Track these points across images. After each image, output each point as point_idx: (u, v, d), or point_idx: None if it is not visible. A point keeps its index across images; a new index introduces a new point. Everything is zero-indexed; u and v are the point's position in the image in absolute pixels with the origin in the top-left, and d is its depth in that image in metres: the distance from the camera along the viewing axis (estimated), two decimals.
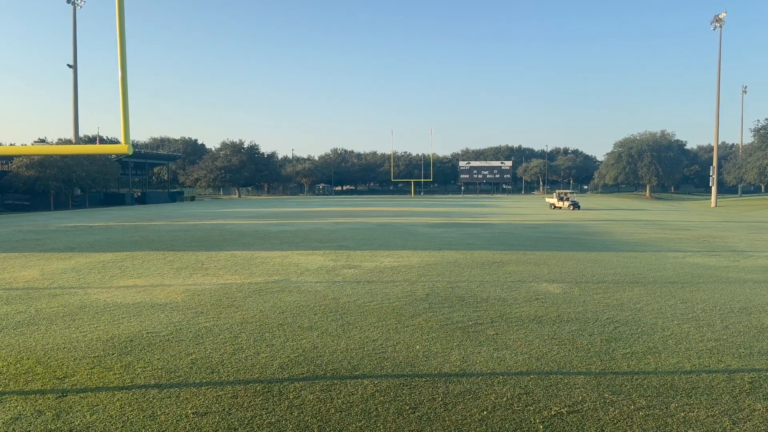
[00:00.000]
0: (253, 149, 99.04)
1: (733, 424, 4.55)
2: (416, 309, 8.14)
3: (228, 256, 14.19)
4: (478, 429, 4.48)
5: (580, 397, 5.03)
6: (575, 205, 41.96)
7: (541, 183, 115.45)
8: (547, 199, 46.78)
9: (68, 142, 63.36)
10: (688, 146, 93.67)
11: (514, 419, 4.63)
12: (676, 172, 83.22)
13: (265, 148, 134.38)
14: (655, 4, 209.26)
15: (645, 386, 5.26)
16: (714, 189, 55.19)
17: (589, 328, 7.14)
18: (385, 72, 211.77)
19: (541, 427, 4.51)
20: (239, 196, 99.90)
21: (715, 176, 54.84)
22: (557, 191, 44.95)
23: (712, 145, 60.66)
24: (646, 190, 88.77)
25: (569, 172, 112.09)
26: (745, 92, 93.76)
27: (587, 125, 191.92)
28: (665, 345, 6.46)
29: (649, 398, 5.02)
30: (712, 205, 54.03)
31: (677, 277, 10.92)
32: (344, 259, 13.50)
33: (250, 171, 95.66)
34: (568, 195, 44.07)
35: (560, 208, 42.38)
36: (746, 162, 63.70)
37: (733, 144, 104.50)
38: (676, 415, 4.71)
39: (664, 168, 79.82)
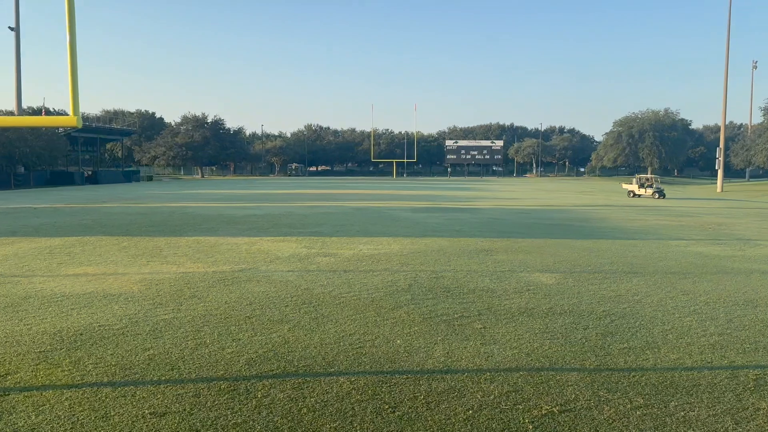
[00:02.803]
0: (217, 124, 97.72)
1: (736, 423, 4.68)
2: (397, 300, 8.18)
3: (190, 242, 14.08)
4: (462, 429, 4.54)
5: (573, 395, 5.12)
6: (660, 193, 38.09)
7: (534, 165, 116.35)
8: (625, 186, 43.44)
9: (10, 114, 61.82)
10: (693, 126, 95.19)
11: (502, 419, 4.70)
12: (680, 153, 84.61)
13: (231, 123, 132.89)
14: None
15: (643, 384, 5.37)
16: (720, 172, 56.16)
17: (583, 321, 7.26)
18: (366, 41, 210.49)
19: (531, 427, 4.58)
20: (202, 176, 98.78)
21: (721, 159, 55.80)
22: (637, 176, 41.41)
23: (719, 124, 61.87)
24: (647, 174, 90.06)
25: (565, 153, 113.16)
26: (755, 68, 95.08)
27: (585, 102, 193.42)
28: (665, 340, 6.60)
29: (647, 396, 5.13)
30: (718, 189, 55.10)
31: (679, 266, 11.13)
32: (319, 246, 13.50)
33: (215, 148, 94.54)
34: (652, 180, 40.17)
35: (640, 195, 39.20)
36: (755, 144, 64.99)
37: (741, 124, 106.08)
38: (675, 414, 4.82)
39: (667, 149, 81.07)
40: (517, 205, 29.84)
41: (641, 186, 40.23)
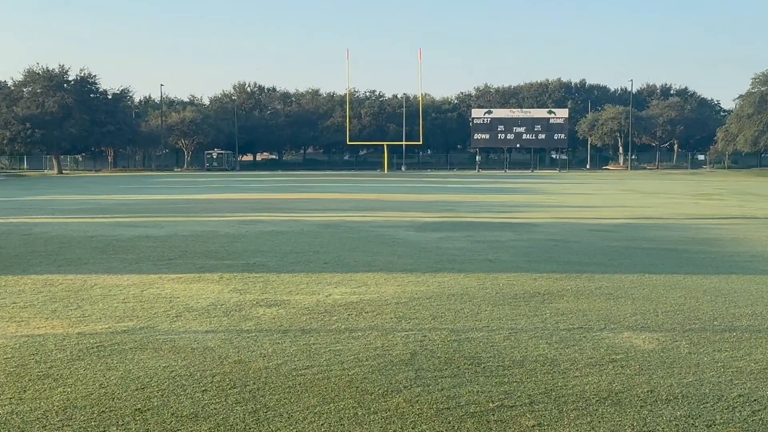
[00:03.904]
0: (85, 84, 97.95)
1: None
2: (392, 381, 8.16)
3: (39, 283, 14.05)
4: None
5: None
6: None
7: (620, 149, 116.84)
8: None
9: None
10: None
11: None
12: None
13: (108, 82, 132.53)
14: None
15: None
16: None
17: (706, 412, 7.28)
18: None
19: None
20: (60, 171, 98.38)
21: None
22: None
23: None
24: None
25: (672, 130, 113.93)
26: None
27: (703, 44, 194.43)
28: None
29: None
30: None
31: None
32: (258, 288, 13.53)
33: (81, 124, 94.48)
34: None
35: None
36: None
37: None
38: None
39: None
40: (592, 217, 29.99)
41: None
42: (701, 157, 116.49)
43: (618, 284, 13.98)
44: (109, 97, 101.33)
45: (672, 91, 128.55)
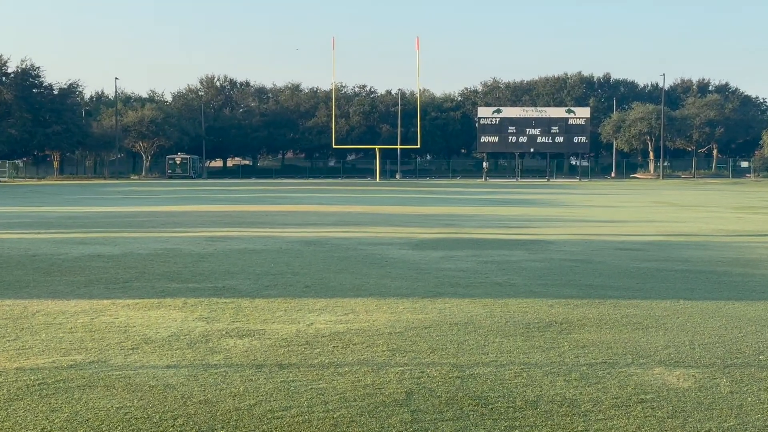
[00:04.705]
0: (27, 77, 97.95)
1: None
2: (385, 424, 8.13)
3: None
4: None
5: None
6: None
7: (651, 155, 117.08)
8: None
9: None
10: None
11: None
12: None
13: (54, 75, 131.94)
14: None
15: None
16: None
17: None
18: None
19: None
20: None
21: None
22: None
23: None
24: None
25: (710, 133, 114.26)
26: None
27: (746, 36, 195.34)
28: None
29: None
30: None
31: None
32: (229, 316, 13.50)
33: (23, 124, 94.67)
34: None
35: None
36: None
37: None
38: None
39: None
40: (618, 233, 30.07)
41: None
42: (745, 163, 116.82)
43: (648, 312, 13.98)
44: (55, 92, 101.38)
45: (711, 88, 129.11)
